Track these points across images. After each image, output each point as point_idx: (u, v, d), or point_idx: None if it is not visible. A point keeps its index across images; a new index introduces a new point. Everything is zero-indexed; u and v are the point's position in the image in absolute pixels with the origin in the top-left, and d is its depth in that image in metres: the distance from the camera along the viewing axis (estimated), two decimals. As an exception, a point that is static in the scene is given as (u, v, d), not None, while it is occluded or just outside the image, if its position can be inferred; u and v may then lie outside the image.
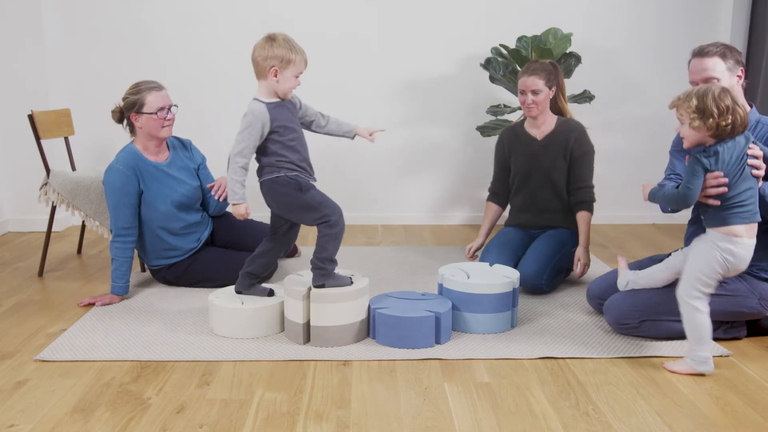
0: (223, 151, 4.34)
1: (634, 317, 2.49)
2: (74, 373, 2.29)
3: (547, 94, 3.15)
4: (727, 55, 2.44)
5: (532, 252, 3.10)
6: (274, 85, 2.49)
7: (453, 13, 4.38)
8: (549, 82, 3.13)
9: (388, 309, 2.51)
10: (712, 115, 2.12)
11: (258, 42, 2.49)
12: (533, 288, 3.03)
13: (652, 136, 4.53)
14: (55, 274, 3.41)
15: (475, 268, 2.79)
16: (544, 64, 3.17)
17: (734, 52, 2.47)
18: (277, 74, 2.46)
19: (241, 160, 2.48)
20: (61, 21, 4.30)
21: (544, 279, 3.02)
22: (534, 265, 3.03)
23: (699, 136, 2.19)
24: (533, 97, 3.13)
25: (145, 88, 2.94)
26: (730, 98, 2.13)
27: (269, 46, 2.45)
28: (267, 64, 2.46)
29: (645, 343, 2.51)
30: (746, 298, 2.45)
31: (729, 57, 2.44)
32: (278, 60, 2.44)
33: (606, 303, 2.60)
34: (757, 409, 2.06)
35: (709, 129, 2.15)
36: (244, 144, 2.48)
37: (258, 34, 2.55)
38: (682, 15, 4.41)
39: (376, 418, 2.00)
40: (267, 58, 2.45)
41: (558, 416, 2.01)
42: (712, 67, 2.44)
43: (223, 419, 1.99)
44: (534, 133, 3.26)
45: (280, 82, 2.48)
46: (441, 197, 4.61)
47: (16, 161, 4.24)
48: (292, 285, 2.52)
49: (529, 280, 3.01)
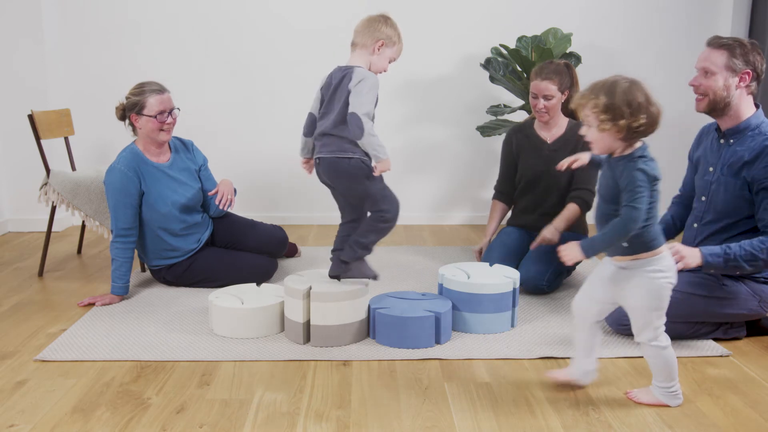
0: (224, 151, 4.35)
1: None
2: (74, 373, 2.29)
3: (559, 98, 3.10)
4: (737, 52, 2.32)
5: (534, 253, 3.09)
6: (372, 59, 2.53)
7: (453, 13, 4.38)
8: (562, 86, 3.08)
9: (388, 309, 2.51)
10: (622, 115, 1.83)
11: (373, 16, 2.53)
12: (534, 288, 3.03)
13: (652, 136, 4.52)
14: (55, 274, 3.41)
15: (475, 268, 2.79)
16: (558, 67, 3.09)
17: (750, 51, 2.33)
18: (381, 49, 2.51)
19: (371, 121, 2.44)
20: (61, 21, 4.30)
21: (546, 280, 3.02)
22: (536, 266, 3.02)
23: (609, 141, 1.89)
24: (545, 102, 3.08)
25: (147, 90, 2.93)
26: (642, 93, 1.84)
27: (385, 22, 2.52)
28: (378, 35, 2.50)
29: (645, 343, 2.51)
30: (746, 300, 2.44)
31: (738, 55, 2.32)
32: (387, 37, 2.51)
33: None
34: (757, 409, 2.06)
35: (619, 131, 1.85)
36: (371, 107, 2.44)
37: (258, 34, 2.54)
38: (682, 15, 4.41)
39: (376, 418, 2.00)
40: (380, 30, 2.50)
41: (558, 416, 2.01)
42: (711, 58, 2.36)
43: (223, 419, 1.99)
44: (544, 135, 3.22)
45: (379, 58, 2.53)
46: (441, 197, 4.61)
47: (16, 161, 4.24)
48: (292, 284, 2.52)
49: (530, 281, 3.01)
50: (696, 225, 2.55)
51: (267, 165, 4.51)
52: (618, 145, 1.90)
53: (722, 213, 2.44)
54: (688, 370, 2.31)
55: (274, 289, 2.77)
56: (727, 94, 2.36)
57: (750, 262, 2.31)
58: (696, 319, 2.47)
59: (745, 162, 2.36)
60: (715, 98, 2.37)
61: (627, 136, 1.87)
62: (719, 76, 2.35)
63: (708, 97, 2.38)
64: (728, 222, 2.44)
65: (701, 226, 2.53)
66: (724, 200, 2.44)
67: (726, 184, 2.42)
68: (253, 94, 4.43)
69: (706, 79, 2.37)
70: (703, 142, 2.62)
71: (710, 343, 2.51)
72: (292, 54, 4.34)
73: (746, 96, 2.39)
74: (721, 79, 2.35)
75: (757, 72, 2.35)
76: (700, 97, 2.41)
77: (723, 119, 2.44)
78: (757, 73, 2.35)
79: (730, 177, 2.41)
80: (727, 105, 2.38)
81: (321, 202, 4.34)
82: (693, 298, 2.43)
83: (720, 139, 2.48)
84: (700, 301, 2.43)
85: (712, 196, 2.49)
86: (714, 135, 2.54)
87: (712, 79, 2.36)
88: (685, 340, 2.51)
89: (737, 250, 2.32)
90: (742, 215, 2.41)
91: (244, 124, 4.45)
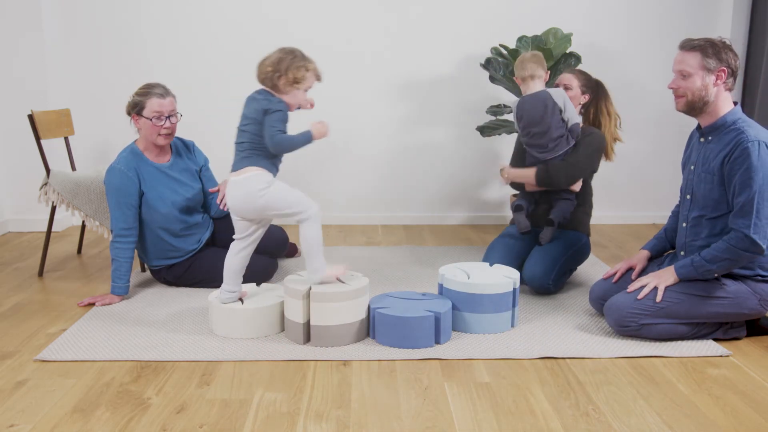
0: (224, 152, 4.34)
1: (635, 319, 2.47)
2: (74, 373, 2.29)
3: (577, 95, 3.14)
4: (709, 51, 2.37)
5: (540, 252, 3.08)
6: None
7: (453, 13, 4.38)
8: (583, 87, 3.15)
9: (388, 309, 2.51)
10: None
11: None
12: (540, 288, 3.03)
13: (652, 136, 4.53)
14: (55, 274, 3.41)
15: (475, 268, 2.79)
16: (588, 75, 3.19)
17: (721, 49, 2.39)
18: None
19: None
20: (61, 21, 4.30)
21: (552, 280, 3.01)
22: (542, 265, 3.02)
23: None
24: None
25: (150, 92, 2.91)
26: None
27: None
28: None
29: (645, 343, 2.50)
30: (747, 299, 2.45)
31: (711, 54, 2.37)
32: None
33: (607, 304, 2.58)
34: (757, 409, 2.06)
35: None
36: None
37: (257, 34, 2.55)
38: (682, 15, 4.41)
39: (376, 418, 2.00)
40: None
41: (558, 416, 2.01)
42: (685, 60, 2.41)
43: (223, 419, 1.99)
44: None
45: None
46: (441, 197, 4.61)
47: (16, 161, 4.24)
48: (292, 285, 2.52)
49: (535, 281, 3.01)
50: (685, 224, 2.59)
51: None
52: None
53: (705, 209, 2.49)
54: (688, 370, 2.31)
55: (274, 289, 2.77)
56: (705, 93, 2.41)
57: (716, 263, 2.39)
58: (697, 319, 2.47)
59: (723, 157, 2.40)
60: (693, 98, 2.43)
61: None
62: (696, 76, 2.40)
63: (686, 97, 2.44)
64: (711, 217, 2.47)
65: (689, 227, 2.56)
66: (704, 196, 2.48)
67: (705, 180, 2.47)
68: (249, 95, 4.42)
69: (684, 81, 2.43)
70: (690, 145, 2.66)
71: (710, 343, 2.51)
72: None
73: (724, 93, 2.43)
74: (698, 79, 2.40)
75: (731, 68, 2.40)
76: (679, 98, 2.47)
77: (702, 117, 2.49)
78: (731, 69, 2.40)
79: (707, 173, 2.46)
80: (705, 103, 2.43)
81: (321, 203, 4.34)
82: (694, 299, 2.44)
83: (701, 137, 2.54)
84: (701, 302, 2.44)
85: (694, 193, 2.54)
86: (696, 135, 2.60)
87: (690, 81, 2.41)
88: (685, 341, 2.51)
89: (703, 254, 2.41)
90: (722, 210, 2.44)
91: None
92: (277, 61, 2.45)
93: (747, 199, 2.32)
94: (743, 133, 2.36)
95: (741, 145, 2.34)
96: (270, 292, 2.74)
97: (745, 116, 2.45)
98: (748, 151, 2.31)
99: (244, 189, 2.47)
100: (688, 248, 2.57)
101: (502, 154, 4.54)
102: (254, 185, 2.46)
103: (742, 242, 2.33)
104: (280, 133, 2.44)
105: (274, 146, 2.45)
